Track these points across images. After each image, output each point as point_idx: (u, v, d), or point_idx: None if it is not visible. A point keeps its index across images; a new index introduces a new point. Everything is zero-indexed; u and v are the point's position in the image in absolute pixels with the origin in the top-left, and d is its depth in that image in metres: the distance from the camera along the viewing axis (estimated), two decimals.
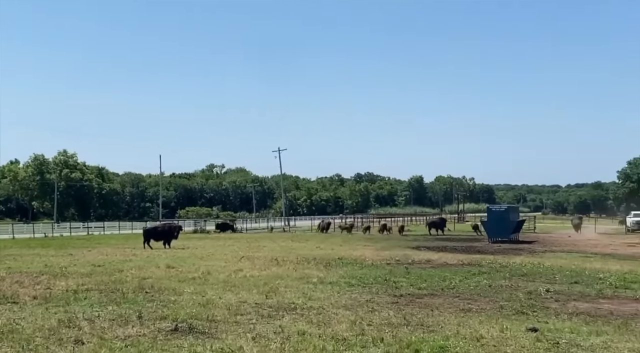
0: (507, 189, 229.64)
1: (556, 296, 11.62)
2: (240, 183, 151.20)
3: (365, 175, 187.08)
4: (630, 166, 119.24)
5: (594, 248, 28.24)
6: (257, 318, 8.88)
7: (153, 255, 21.15)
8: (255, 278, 13.76)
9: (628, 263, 19.26)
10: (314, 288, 12.12)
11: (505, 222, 33.25)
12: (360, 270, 15.89)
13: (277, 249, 24.83)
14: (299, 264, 17.41)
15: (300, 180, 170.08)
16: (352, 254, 21.65)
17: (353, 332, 7.88)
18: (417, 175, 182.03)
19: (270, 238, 36.24)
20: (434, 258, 20.22)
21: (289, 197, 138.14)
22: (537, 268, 16.87)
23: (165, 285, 12.28)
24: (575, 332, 8.09)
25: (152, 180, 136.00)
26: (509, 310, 9.89)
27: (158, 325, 8.29)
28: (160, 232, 26.71)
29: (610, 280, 14.00)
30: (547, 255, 23.18)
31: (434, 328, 8.25)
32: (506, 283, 13.52)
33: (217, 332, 7.90)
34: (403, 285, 12.96)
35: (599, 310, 10.12)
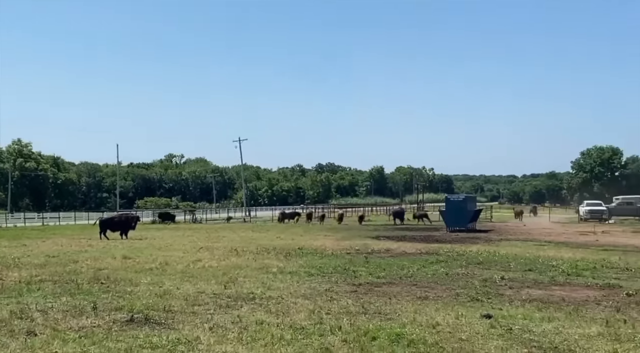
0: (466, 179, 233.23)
1: (510, 283, 11.85)
2: (200, 173, 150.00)
3: (327, 165, 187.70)
4: (584, 156, 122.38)
5: (548, 236, 28.91)
6: (215, 308, 8.83)
7: (109, 245, 20.83)
8: (214, 268, 13.68)
9: (580, 251, 19.77)
10: (274, 278, 12.10)
11: (462, 211, 33.77)
12: (320, 260, 15.93)
13: (237, 239, 24.73)
14: (259, 254, 17.38)
15: (261, 170, 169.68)
16: (312, 244, 21.70)
17: (311, 321, 7.91)
18: (378, 166, 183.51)
19: (230, 229, 36.07)
20: (393, 248, 20.41)
21: (250, 187, 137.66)
22: (493, 257, 17.19)
23: (122, 276, 12.11)
24: (528, 318, 8.26)
25: (109, 170, 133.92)
26: (464, 298, 10.05)
27: (113, 316, 8.17)
28: (117, 222, 26.36)
29: (562, 268, 14.35)
30: (502, 243, 23.64)
31: (391, 316, 8.33)
32: (462, 271, 13.73)
33: (174, 322, 7.83)
34: (362, 274, 13.05)
35: (551, 296, 10.36)
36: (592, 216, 49.34)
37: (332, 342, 6.83)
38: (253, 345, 6.70)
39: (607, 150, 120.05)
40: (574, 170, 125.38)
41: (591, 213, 50.58)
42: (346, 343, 6.79)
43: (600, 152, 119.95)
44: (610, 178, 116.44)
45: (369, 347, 6.62)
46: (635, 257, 18.13)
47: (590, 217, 49.43)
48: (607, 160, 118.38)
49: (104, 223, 26.19)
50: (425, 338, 6.96)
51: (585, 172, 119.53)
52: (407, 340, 6.87)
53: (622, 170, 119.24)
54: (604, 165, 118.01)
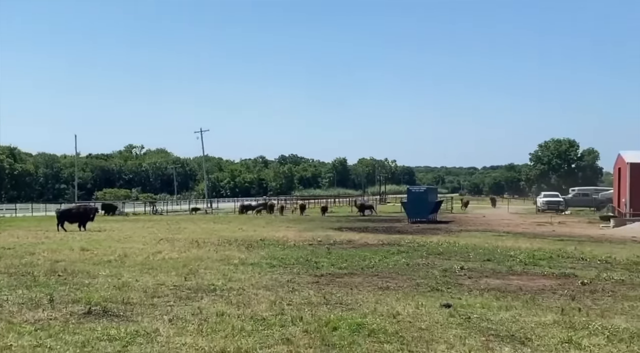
0: (427, 171, 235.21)
1: (469, 273, 12.04)
2: (161, 164, 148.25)
3: (289, 157, 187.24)
4: (541, 149, 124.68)
5: (507, 227, 29.48)
6: (175, 300, 8.75)
7: (67, 237, 20.44)
8: (174, 260, 13.54)
9: (537, 242, 20.20)
10: (235, 270, 12.05)
11: (424, 202, 34.12)
12: (282, 251, 15.92)
13: (198, 231, 24.53)
14: (220, 246, 17.27)
15: (223, 161, 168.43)
16: (274, 235, 21.66)
17: (273, 312, 7.90)
18: (341, 158, 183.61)
19: (191, 220, 35.76)
20: (355, 239, 20.51)
21: (212, 178, 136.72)
22: (453, 247, 17.43)
23: (79, 268, 11.90)
24: (486, 307, 8.40)
25: (67, 161, 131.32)
26: (424, 288, 10.16)
27: (70, 308, 8.04)
28: (75, 213, 25.92)
29: (520, 258, 14.64)
30: (462, 234, 23.99)
31: (352, 306, 8.37)
32: (423, 261, 13.89)
33: (133, 314, 7.73)
34: (324, 265, 13.08)
35: (509, 286, 10.56)
36: (549, 207, 50.43)
37: (293, 332, 6.83)
38: (213, 336, 6.66)
39: (563, 142, 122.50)
40: (532, 162, 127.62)
41: (548, 204, 51.70)
42: (307, 333, 6.80)
43: (557, 144, 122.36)
44: (566, 170, 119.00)
45: (329, 337, 6.64)
46: (590, 247, 18.61)
47: (547, 208, 50.51)
48: (564, 153, 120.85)
49: (62, 214, 25.70)
50: (385, 328, 7.02)
51: (542, 164, 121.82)
52: (367, 330, 6.91)
53: (578, 162, 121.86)
54: (561, 157, 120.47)
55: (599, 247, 18.89)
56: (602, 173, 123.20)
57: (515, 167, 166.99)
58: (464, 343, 6.44)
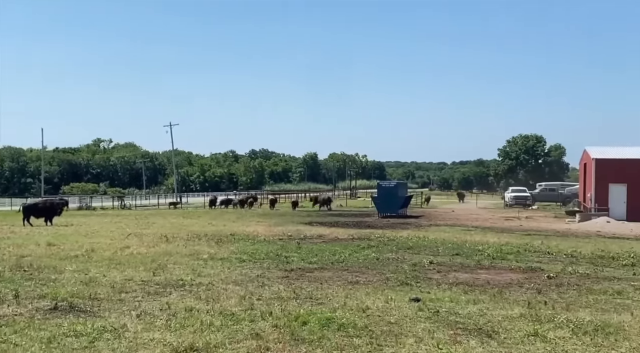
0: (398, 166, 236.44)
1: (438, 267, 12.16)
2: (130, 158, 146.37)
3: (260, 151, 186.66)
4: (510, 144, 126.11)
5: (475, 222, 29.82)
6: (143, 295, 8.67)
7: (33, 232, 20.09)
8: (143, 255, 13.40)
9: (505, 236, 20.48)
10: (204, 265, 11.97)
11: (394, 197, 34.33)
12: (252, 246, 15.87)
13: (167, 226, 24.32)
14: (190, 241, 17.15)
15: (193, 156, 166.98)
16: (244, 230, 21.59)
17: (242, 307, 7.87)
18: (312, 152, 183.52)
19: (160, 215, 35.42)
20: (325, 233, 20.54)
21: (182, 173, 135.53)
22: (422, 242, 17.57)
23: (46, 264, 11.70)
24: (454, 301, 8.49)
25: (33, 155, 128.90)
26: (394, 282, 10.23)
27: (36, 304, 7.91)
28: (42, 208, 25.52)
29: (488, 252, 14.83)
30: (432, 229, 24.20)
31: (322, 301, 8.39)
32: (393, 256, 13.98)
33: (100, 310, 7.64)
34: (294, 259, 13.09)
35: (477, 280, 10.69)
36: (517, 202, 51.18)
37: (262, 327, 6.82)
38: (181, 331, 6.61)
39: (531, 138, 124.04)
40: (500, 157, 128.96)
41: (516, 199, 52.46)
42: (277, 328, 6.79)
43: (525, 140, 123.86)
44: (534, 166, 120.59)
45: (299, 332, 6.64)
46: (556, 241, 18.94)
47: (515, 202, 51.24)
48: (532, 148, 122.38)
49: (27, 209, 25.26)
50: (355, 322, 7.05)
51: (510, 160, 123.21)
52: (337, 324, 6.93)
53: (545, 158, 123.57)
54: (529, 153, 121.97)
55: (564, 241, 19.24)
56: (569, 168, 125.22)
57: (484, 163, 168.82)
58: (433, 337, 6.50)
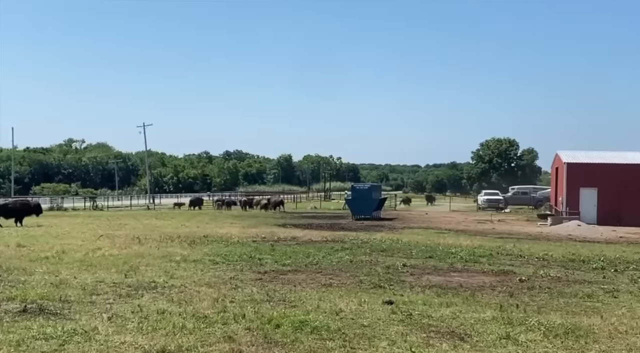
0: (372, 168, 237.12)
1: (412, 270, 12.22)
2: (102, 159, 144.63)
3: (234, 152, 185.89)
4: (483, 147, 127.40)
5: (448, 224, 30.03)
6: (115, 297, 8.56)
7: (2, 233, 19.72)
8: (115, 257, 13.24)
9: (478, 239, 20.65)
10: (177, 267, 11.87)
11: (368, 199, 34.44)
12: (226, 248, 15.79)
13: (139, 227, 24.07)
14: (162, 242, 16.99)
15: (166, 157, 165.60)
16: (218, 232, 21.47)
17: (215, 309, 7.82)
18: (286, 154, 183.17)
19: (133, 216, 35.06)
20: (299, 235, 20.52)
21: (155, 174, 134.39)
22: (396, 244, 17.64)
23: (15, 265, 11.49)
24: (427, 303, 8.53)
25: (3, 154, 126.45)
26: (367, 284, 10.24)
27: (5, 306, 7.76)
28: (11, 208, 25.14)
29: (461, 255, 14.94)
30: (405, 231, 24.32)
31: (295, 304, 8.37)
32: (366, 258, 14.01)
33: (71, 312, 7.52)
34: (268, 262, 13.04)
35: (450, 282, 10.76)
36: (490, 205, 51.70)
37: (235, 330, 6.78)
38: (153, 334, 6.54)
39: (504, 141, 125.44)
40: (474, 160, 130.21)
41: (489, 202, 53.01)
42: (250, 331, 6.76)
43: (498, 143, 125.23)
44: (507, 169, 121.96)
45: (272, 335, 6.62)
46: (528, 244, 19.17)
47: (487, 206, 51.76)
48: (504, 152, 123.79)
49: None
50: (328, 325, 7.04)
51: (484, 163, 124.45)
52: (310, 327, 6.92)
53: (518, 161, 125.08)
54: (501, 156, 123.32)
55: (536, 244, 19.48)
56: (541, 172, 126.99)
57: (458, 166, 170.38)
58: (406, 340, 6.52)
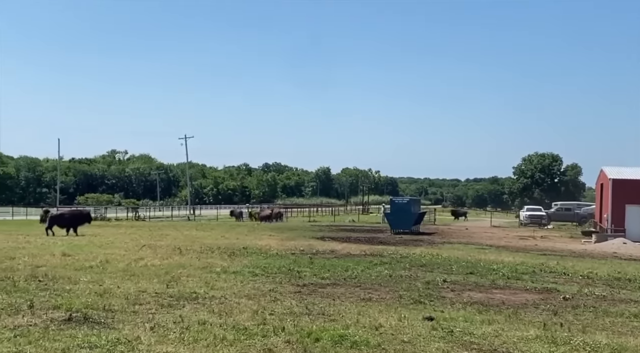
0: (410, 182, 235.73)
1: (452, 286, 12.06)
2: (144, 170, 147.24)
3: (273, 165, 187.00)
4: (525, 162, 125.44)
5: (489, 240, 29.59)
6: (157, 307, 8.68)
7: (48, 242, 20.21)
8: (157, 267, 13.43)
9: (520, 256, 20.28)
10: (217, 278, 11.98)
11: (407, 213, 34.18)
12: (265, 260, 15.86)
13: (180, 238, 24.37)
14: (203, 253, 17.16)
15: (207, 168, 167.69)
16: (257, 244, 21.57)
17: (255, 321, 7.85)
18: (324, 167, 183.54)
19: (174, 227, 35.52)
20: (337, 249, 20.48)
21: (195, 185, 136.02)
22: (436, 259, 17.45)
23: (60, 274, 11.76)
24: (469, 320, 8.42)
25: (49, 165, 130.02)
26: (407, 300, 10.16)
27: (50, 314, 7.93)
28: (68, 218, 26.04)
29: (503, 271, 14.69)
30: (445, 246, 24.04)
31: (334, 318, 8.35)
32: (406, 273, 13.90)
33: (114, 321, 7.65)
34: (306, 275, 13.05)
35: (491, 299, 10.60)
36: (532, 221, 50.74)
37: (275, 343, 6.80)
38: (195, 345, 6.61)
39: (547, 156, 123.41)
40: (516, 175, 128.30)
41: (531, 218, 52.01)
42: (289, 344, 6.77)
43: (541, 158, 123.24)
44: (549, 185, 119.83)
45: (312, 348, 6.62)
46: (572, 262, 18.75)
47: (530, 221, 50.81)
48: (547, 167, 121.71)
49: (53, 219, 25.85)
50: (368, 340, 7.00)
51: (526, 178, 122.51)
52: (350, 342, 6.90)
53: (561, 177, 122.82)
54: (544, 172, 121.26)
55: (580, 262, 19.05)
56: (585, 188, 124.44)
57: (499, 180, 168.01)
58: None
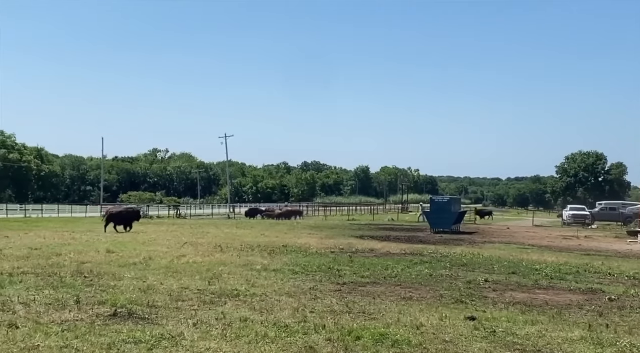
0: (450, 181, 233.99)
1: (494, 286, 11.90)
2: (185, 168, 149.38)
3: (312, 164, 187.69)
4: (568, 161, 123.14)
5: (531, 240, 29.08)
6: (199, 304, 8.79)
7: (93, 239, 20.66)
8: (199, 264, 13.60)
9: (564, 256, 19.89)
10: (258, 276, 12.07)
11: (447, 213, 33.85)
12: (305, 258, 15.91)
13: (221, 236, 24.62)
14: (243, 251, 17.32)
15: (246, 167, 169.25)
16: (296, 242, 21.65)
17: (296, 319, 7.89)
18: (364, 166, 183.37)
19: (214, 225, 35.89)
20: (377, 248, 20.41)
21: (235, 184, 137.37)
22: (477, 259, 17.25)
23: (105, 270, 12.01)
24: (511, 321, 8.30)
25: (93, 164, 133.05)
26: (448, 299, 10.07)
27: (96, 310, 8.10)
28: (125, 216, 26.89)
29: (546, 272, 14.43)
30: (486, 246, 23.73)
31: (375, 316, 8.33)
32: (447, 272, 13.76)
33: (158, 318, 7.78)
34: (346, 273, 13.04)
35: (535, 300, 10.42)
36: (576, 221, 49.69)
37: (316, 340, 6.82)
38: (237, 342, 6.68)
39: (591, 155, 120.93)
40: (559, 174, 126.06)
41: (574, 217, 50.95)
42: (330, 342, 6.78)
43: (585, 157, 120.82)
44: (594, 184, 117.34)
45: (353, 347, 6.62)
46: (618, 262, 18.30)
47: (573, 221, 49.77)
48: (592, 166, 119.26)
49: (111, 217, 26.67)
50: (409, 339, 6.97)
51: (569, 177, 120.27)
52: (391, 341, 6.87)
53: (606, 176, 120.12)
54: (588, 171, 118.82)
55: (626, 262, 18.57)
56: (630, 187, 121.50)
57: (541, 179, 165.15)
58: None
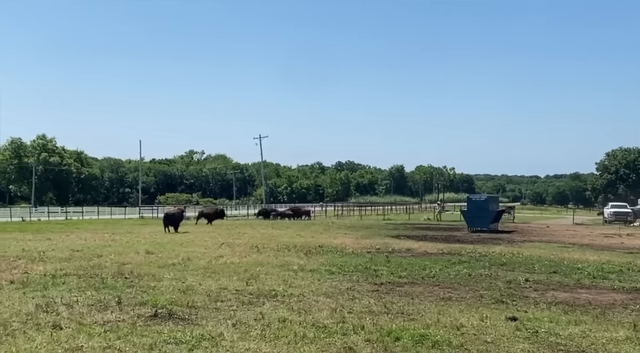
0: (487, 179, 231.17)
1: (535, 285, 11.70)
2: (221, 170, 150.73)
3: (346, 163, 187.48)
4: (609, 158, 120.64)
5: (572, 238, 28.53)
6: (238, 304, 8.83)
7: (132, 240, 20.99)
8: (236, 265, 13.69)
9: (606, 254, 19.47)
10: (295, 276, 12.09)
11: (485, 211, 33.46)
12: (341, 258, 15.88)
13: (257, 236, 24.74)
14: (280, 251, 17.37)
15: (281, 167, 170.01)
16: (332, 242, 21.64)
17: (334, 320, 7.87)
18: (398, 165, 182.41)
19: (250, 226, 36.11)
20: (414, 247, 20.27)
21: (270, 184, 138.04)
22: (516, 258, 16.99)
23: (145, 271, 12.18)
24: (554, 321, 8.14)
25: (131, 166, 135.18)
26: (488, 299, 9.93)
27: (137, 310, 8.21)
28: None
29: (588, 270, 14.13)
30: (526, 245, 23.37)
31: (414, 317, 8.26)
32: (486, 272, 13.59)
33: (197, 318, 7.85)
34: (383, 273, 12.97)
35: (577, 299, 10.21)
36: (617, 218, 48.64)
37: (355, 341, 6.79)
38: (276, 342, 6.69)
39: (632, 151, 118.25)
40: (599, 171, 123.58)
41: (616, 215, 49.86)
42: (369, 343, 6.74)
43: (626, 153, 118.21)
44: (635, 180, 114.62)
45: (392, 347, 6.57)
46: None
47: (615, 219, 48.72)
48: (633, 162, 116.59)
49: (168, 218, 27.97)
50: (449, 340, 6.89)
51: (610, 174, 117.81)
52: (431, 342, 6.80)
53: None
54: (629, 167, 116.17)
55: None
56: None
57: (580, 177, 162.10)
58: None
